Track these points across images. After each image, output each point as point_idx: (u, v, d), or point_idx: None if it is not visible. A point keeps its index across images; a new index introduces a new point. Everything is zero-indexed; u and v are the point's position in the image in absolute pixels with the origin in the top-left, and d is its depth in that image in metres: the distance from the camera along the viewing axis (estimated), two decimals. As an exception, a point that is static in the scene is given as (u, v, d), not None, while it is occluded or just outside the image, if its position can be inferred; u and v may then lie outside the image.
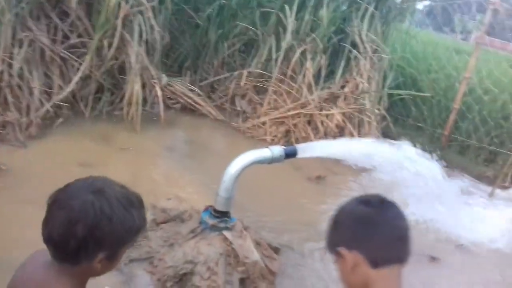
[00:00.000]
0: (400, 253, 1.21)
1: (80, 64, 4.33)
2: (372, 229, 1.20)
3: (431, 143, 6.30)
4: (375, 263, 1.18)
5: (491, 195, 5.10)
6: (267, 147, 2.51)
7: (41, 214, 1.12)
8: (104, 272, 1.19)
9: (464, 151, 6.23)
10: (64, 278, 1.13)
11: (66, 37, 4.37)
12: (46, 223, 1.12)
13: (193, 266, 2.54)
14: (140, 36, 4.55)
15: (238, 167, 2.48)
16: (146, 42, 4.76)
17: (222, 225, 2.63)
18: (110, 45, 4.37)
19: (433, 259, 3.61)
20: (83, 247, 1.09)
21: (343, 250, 1.21)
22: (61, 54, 4.27)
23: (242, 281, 2.61)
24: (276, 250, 2.98)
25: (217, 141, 5.20)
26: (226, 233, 2.64)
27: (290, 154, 2.54)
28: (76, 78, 4.27)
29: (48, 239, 1.11)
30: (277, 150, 2.49)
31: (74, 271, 1.13)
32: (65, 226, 1.08)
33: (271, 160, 2.48)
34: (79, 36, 4.39)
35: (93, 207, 1.09)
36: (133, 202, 1.19)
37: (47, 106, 4.02)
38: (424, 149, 5.62)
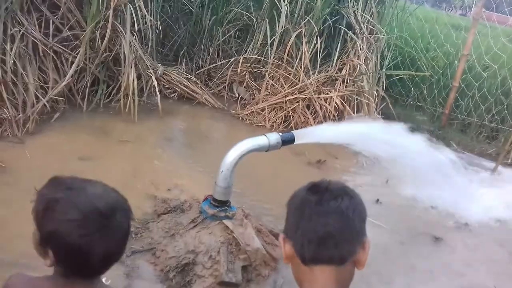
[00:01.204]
0: (329, 253, 1.02)
1: (74, 57, 4.29)
2: (302, 219, 1.05)
3: (432, 122, 6.28)
4: (303, 259, 1.04)
5: (493, 172, 5.08)
6: (264, 135, 2.48)
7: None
8: None
9: (465, 129, 6.21)
10: None
11: (58, 30, 4.31)
12: (101, 241, 1.06)
13: (194, 255, 2.54)
14: (133, 26, 4.50)
15: (235, 156, 2.46)
16: (140, 31, 4.71)
17: (222, 214, 2.63)
18: (103, 37, 4.32)
19: (436, 239, 3.61)
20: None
21: (281, 238, 1.10)
22: (54, 48, 4.22)
23: (244, 268, 2.61)
24: (277, 236, 2.98)
25: (216, 129, 5.18)
26: (226, 222, 2.64)
27: (287, 141, 2.52)
28: (71, 71, 4.23)
29: (105, 257, 1.09)
30: (274, 137, 2.46)
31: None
32: (123, 240, 1.13)
33: (268, 148, 2.47)
34: (71, 28, 4.33)
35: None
36: None
37: (43, 101, 3.98)
38: (423, 128, 5.61)
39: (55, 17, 4.28)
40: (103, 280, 2.51)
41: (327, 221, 1.02)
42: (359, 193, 1.12)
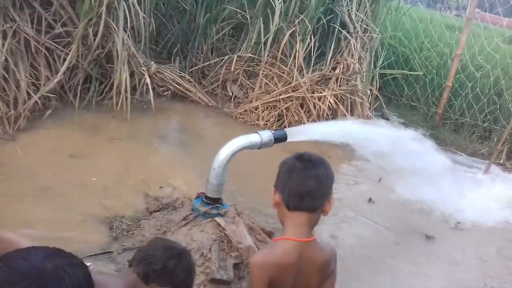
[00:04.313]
0: (306, 204, 1.50)
1: (67, 54, 4.26)
2: (290, 179, 1.52)
3: (425, 122, 6.29)
4: (288, 206, 1.53)
5: (486, 172, 5.10)
6: (256, 132, 2.47)
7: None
8: None
9: (458, 129, 6.23)
10: None
11: (50, 26, 4.28)
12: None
13: (186, 253, 2.53)
14: (126, 23, 4.47)
15: (227, 154, 2.45)
16: (133, 29, 4.68)
17: (214, 211, 2.62)
18: (95, 34, 4.29)
19: (428, 238, 3.62)
20: None
21: (272, 190, 1.60)
22: (46, 45, 4.19)
23: (236, 266, 2.60)
24: (269, 234, 2.97)
25: (210, 128, 5.16)
26: (218, 219, 2.62)
27: (280, 138, 2.51)
28: (63, 68, 4.19)
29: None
30: (266, 134, 2.46)
31: None
32: None
33: (261, 145, 2.46)
34: (64, 25, 4.30)
35: None
36: None
37: (35, 98, 3.95)
38: (417, 128, 5.63)
39: (48, 13, 4.24)
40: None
41: (308, 183, 1.50)
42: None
